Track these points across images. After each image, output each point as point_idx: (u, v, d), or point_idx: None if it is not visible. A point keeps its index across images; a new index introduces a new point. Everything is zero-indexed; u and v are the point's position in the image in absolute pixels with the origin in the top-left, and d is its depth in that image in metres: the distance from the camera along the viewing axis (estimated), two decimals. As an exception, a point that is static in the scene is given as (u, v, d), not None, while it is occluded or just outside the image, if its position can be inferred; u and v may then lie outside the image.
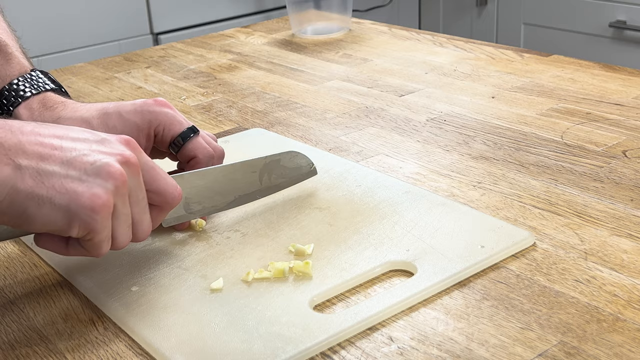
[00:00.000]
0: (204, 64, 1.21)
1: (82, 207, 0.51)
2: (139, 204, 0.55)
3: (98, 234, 0.52)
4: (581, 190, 0.70)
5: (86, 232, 0.52)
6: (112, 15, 1.98)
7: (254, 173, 0.68)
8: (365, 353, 0.51)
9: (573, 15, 2.23)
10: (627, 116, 0.86)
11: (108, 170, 0.52)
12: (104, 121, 0.67)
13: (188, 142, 0.68)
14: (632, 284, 0.56)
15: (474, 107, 0.93)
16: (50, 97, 0.70)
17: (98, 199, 0.51)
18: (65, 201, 0.50)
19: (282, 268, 0.58)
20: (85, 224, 0.51)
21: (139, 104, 0.68)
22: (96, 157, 0.52)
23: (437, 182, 0.74)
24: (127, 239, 0.55)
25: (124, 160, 0.53)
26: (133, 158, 0.54)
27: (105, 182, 0.52)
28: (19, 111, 0.68)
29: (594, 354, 0.49)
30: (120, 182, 0.52)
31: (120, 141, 0.55)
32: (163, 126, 0.67)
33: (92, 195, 0.51)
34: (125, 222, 0.54)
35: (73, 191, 0.51)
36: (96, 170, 0.52)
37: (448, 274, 0.57)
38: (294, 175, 0.72)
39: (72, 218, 0.51)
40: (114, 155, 0.53)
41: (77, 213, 0.51)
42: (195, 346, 0.51)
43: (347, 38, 1.30)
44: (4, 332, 0.56)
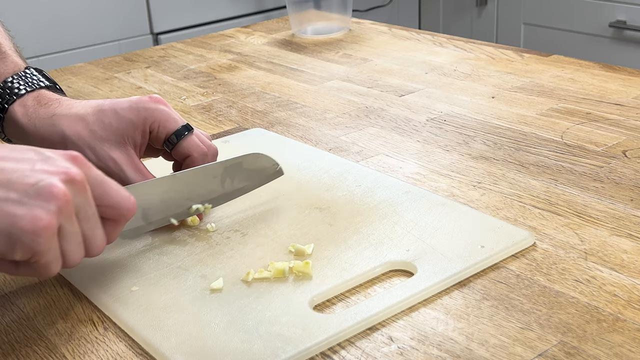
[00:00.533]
0: (204, 64, 1.21)
1: (23, 231, 0.49)
2: (89, 221, 0.54)
3: (43, 256, 0.51)
4: (581, 190, 0.70)
5: (30, 255, 0.50)
6: (112, 15, 1.99)
7: (215, 178, 0.67)
8: (365, 353, 0.51)
9: (573, 15, 2.23)
10: (627, 116, 0.86)
11: (50, 191, 0.50)
12: (100, 118, 0.66)
13: (182, 140, 0.68)
14: (632, 284, 0.56)
15: (474, 107, 0.93)
16: (45, 95, 0.69)
17: (39, 222, 0.49)
18: (5, 225, 0.49)
19: (282, 268, 0.58)
20: (28, 247, 0.50)
21: (134, 101, 0.67)
22: (38, 178, 0.51)
23: (437, 182, 0.74)
24: (79, 256, 0.54)
25: (68, 179, 0.52)
26: (78, 175, 0.52)
27: (46, 204, 0.50)
28: (14, 108, 0.68)
29: (594, 354, 0.49)
30: (63, 202, 0.51)
31: (65, 157, 0.54)
32: (158, 123, 0.67)
33: (33, 217, 0.49)
34: (74, 241, 0.53)
35: (13, 214, 0.49)
36: (37, 191, 0.50)
37: (448, 274, 0.57)
38: (257, 178, 0.70)
39: (14, 242, 0.49)
40: (57, 174, 0.51)
41: (18, 237, 0.49)
42: (195, 346, 0.51)
43: (347, 38, 1.30)
44: (4, 332, 0.56)
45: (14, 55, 0.73)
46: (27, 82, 0.70)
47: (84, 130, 0.66)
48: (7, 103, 0.69)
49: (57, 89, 0.72)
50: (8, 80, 0.70)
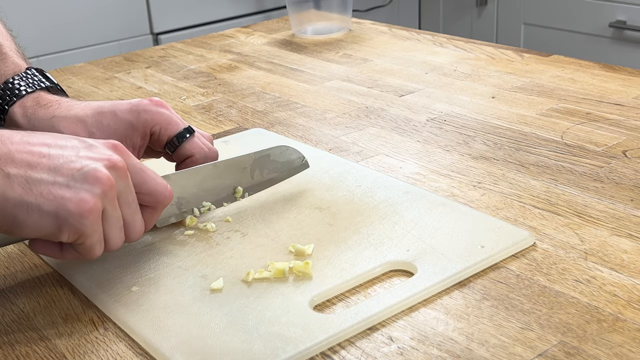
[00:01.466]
0: (204, 64, 1.21)
1: (70, 213, 0.52)
2: (130, 206, 0.56)
3: (89, 237, 0.53)
4: (581, 190, 0.70)
5: (77, 236, 0.53)
6: (112, 15, 1.98)
7: (245, 169, 0.69)
8: (365, 353, 0.51)
9: (573, 15, 2.23)
10: (627, 116, 0.86)
11: (95, 175, 0.53)
12: (99, 120, 0.67)
13: (184, 143, 0.68)
14: (632, 284, 0.56)
15: (474, 107, 0.93)
16: (44, 96, 0.70)
17: (85, 204, 0.52)
18: (54, 207, 0.51)
19: (282, 268, 0.58)
20: (75, 229, 0.52)
21: (134, 103, 0.68)
22: (83, 163, 0.53)
23: (437, 182, 0.74)
24: (120, 240, 0.56)
25: (111, 165, 0.54)
26: (120, 162, 0.55)
27: (92, 187, 0.52)
28: (14, 110, 0.69)
29: (594, 354, 0.49)
30: (107, 186, 0.53)
31: (107, 146, 0.56)
32: (159, 126, 0.68)
33: (80, 200, 0.52)
34: (116, 225, 0.55)
35: (60, 197, 0.52)
36: (83, 175, 0.53)
37: (448, 274, 0.57)
38: (285, 170, 0.72)
39: (62, 224, 0.52)
40: (100, 160, 0.54)
41: (65, 219, 0.52)
42: (195, 346, 0.51)
43: (347, 38, 1.30)
44: (4, 332, 0.56)
45: (14, 56, 0.73)
46: (27, 83, 0.70)
47: (82, 132, 0.67)
48: (7, 104, 0.69)
49: (58, 89, 0.73)
50: (9, 81, 0.70)
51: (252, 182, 0.70)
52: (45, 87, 0.71)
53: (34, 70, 0.72)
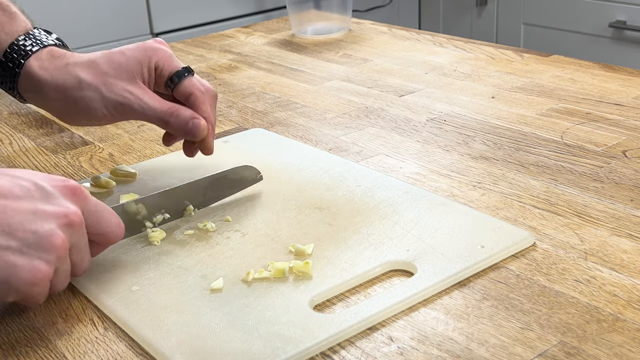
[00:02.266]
0: (204, 64, 1.21)
1: (22, 281, 0.51)
2: (80, 252, 0.56)
3: (35, 298, 0.53)
4: (581, 190, 0.70)
5: (23, 298, 0.52)
6: (112, 15, 1.99)
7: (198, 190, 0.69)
8: (365, 353, 0.51)
9: (573, 15, 2.23)
10: (627, 116, 0.86)
11: (49, 241, 0.51)
12: (109, 59, 0.72)
13: (184, 80, 0.72)
14: (632, 284, 0.56)
15: (474, 107, 0.93)
16: (56, 50, 0.74)
17: (38, 273, 0.51)
18: (5, 274, 0.50)
19: (282, 268, 0.58)
20: (24, 294, 0.52)
21: (139, 43, 0.75)
22: (38, 225, 0.51)
23: (437, 182, 0.74)
24: (66, 284, 0.56)
25: (67, 223, 0.53)
26: (77, 216, 0.53)
27: (46, 255, 0.51)
28: (30, 62, 0.72)
29: (594, 354, 0.49)
30: (62, 251, 0.52)
31: (65, 194, 0.54)
32: (162, 61, 0.72)
33: (32, 268, 0.51)
34: (64, 275, 0.55)
35: (13, 265, 0.50)
36: (37, 240, 0.51)
37: (448, 274, 0.57)
38: (237, 185, 0.72)
39: (10, 289, 0.51)
40: (57, 218, 0.52)
41: (16, 286, 0.51)
42: (195, 346, 0.51)
43: (347, 38, 1.30)
44: (4, 332, 0.56)
45: (22, 16, 0.77)
46: (38, 40, 0.74)
47: (96, 71, 0.71)
48: (24, 58, 0.72)
49: (65, 46, 0.76)
50: (20, 38, 0.74)
51: (204, 199, 0.70)
52: (54, 44, 0.75)
53: (41, 30, 0.76)
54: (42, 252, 0.51)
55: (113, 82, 0.70)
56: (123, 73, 0.71)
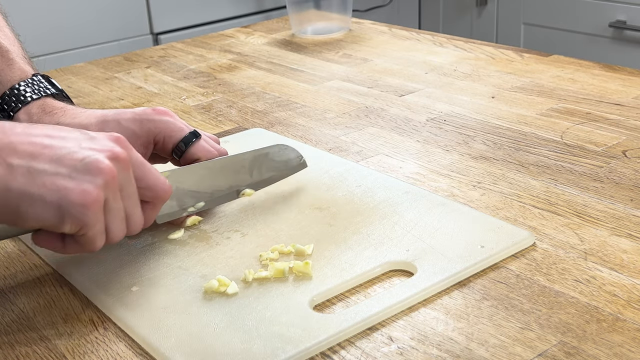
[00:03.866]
0: (204, 64, 1.21)
1: (73, 204, 0.52)
2: (131, 198, 0.56)
3: (91, 228, 0.53)
4: (581, 190, 0.70)
5: (79, 227, 0.53)
6: (112, 15, 1.98)
7: (243, 167, 0.69)
8: (365, 353, 0.51)
9: (573, 15, 2.23)
10: (627, 116, 0.86)
11: (97, 166, 0.53)
12: (102, 128, 0.67)
13: (190, 147, 0.68)
14: (632, 284, 0.56)
15: (474, 107, 0.93)
16: (50, 103, 0.70)
17: (88, 195, 0.52)
18: (56, 198, 0.52)
19: (282, 268, 0.58)
20: (77, 219, 0.52)
21: (138, 112, 0.68)
22: (85, 154, 0.53)
23: (437, 182, 0.74)
24: (121, 232, 0.56)
25: (113, 156, 0.54)
26: (122, 154, 0.55)
27: (94, 178, 0.53)
28: (19, 116, 0.69)
29: (594, 354, 0.49)
30: (109, 177, 0.53)
31: (109, 138, 0.56)
32: (163, 135, 0.68)
33: (82, 191, 0.52)
34: (117, 216, 0.55)
35: (63, 188, 0.52)
36: (85, 166, 0.53)
37: (448, 274, 0.57)
38: (284, 168, 0.72)
39: (64, 214, 0.52)
40: (103, 152, 0.54)
41: (68, 209, 0.52)
42: (195, 346, 0.51)
43: (347, 38, 1.30)
44: (4, 332, 0.56)
45: (21, 62, 0.74)
46: (33, 90, 0.71)
47: None
48: (13, 110, 0.70)
49: (64, 96, 0.73)
50: (15, 87, 0.71)
51: (251, 180, 0.70)
52: (50, 94, 0.71)
53: (40, 76, 0.73)
54: (90, 176, 0.53)
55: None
56: None
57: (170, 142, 0.68)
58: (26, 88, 0.71)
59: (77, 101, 1.06)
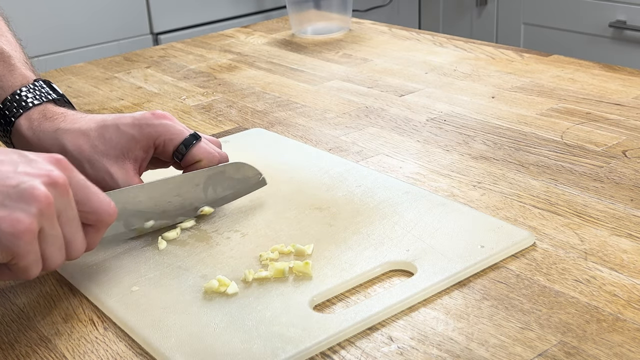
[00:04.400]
0: (204, 64, 1.21)
1: (3, 233, 0.49)
2: (70, 223, 0.54)
3: (23, 258, 0.51)
4: (581, 190, 0.70)
5: (10, 257, 0.51)
6: (112, 15, 1.98)
7: (197, 186, 0.67)
8: (365, 353, 0.51)
9: (573, 15, 2.23)
10: (627, 116, 0.86)
11: (31, 193, 0.50)
12: (101, 133, 0.67)
13: (191, 149, 0.67)
14: (632, 284, 0.56)
15: (474, 107, 0.93)
16: (51, 108, 0.70)
17: (19, 224, 0.50)
18: None
19: (282, 268, 0.58)
20: (8, 249, 0.50)
21: (137, 117, 0.68)
22: (20, 180, 0.51)
23: (437, 182, 0.74)
24: (60, 259, 0.54)
25: (50, 181, 0.52)
26: (61, 178, 0.53)
27: (28, 206, 0.50)
28: (20, 122, 0.68)
29: (594, 354, 0.49)
30: (44, 205, 0.51)
31: (48, 160, 0.54)
32: (163, 138, 0.67)
33: (13, 220, 0.50)
34: (55, 244, 0.53)
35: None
36: (19, 193, 0.50)
37: (448, 274, 0.57)
38: (241, 187, 0.70)
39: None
40: (39, 177, 0.52)
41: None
42: (195, 346, 0.51)
43: (347, 38, 1.30)
44: (4, 332, 0.56)
45: (23, 68, 0.73)
46: (34, 95, 0.70)
47: (85, 144, 0.66)
48: (14, 116, 0.69)
49: (65, 101, 0.72)
50: (16, 92, 0.70)
51: (205, 199, 0.68)
52: (52, 100, 0.71)
53: (41, 82, 0.72)
54: (23, 204, 0.50)
55: (98, 159, 0.66)
56: (112, 150, 0.66)
57: (170, 145, 0.67)
58: (27, 94, 0.70)
59: (77, 101, 1.06)
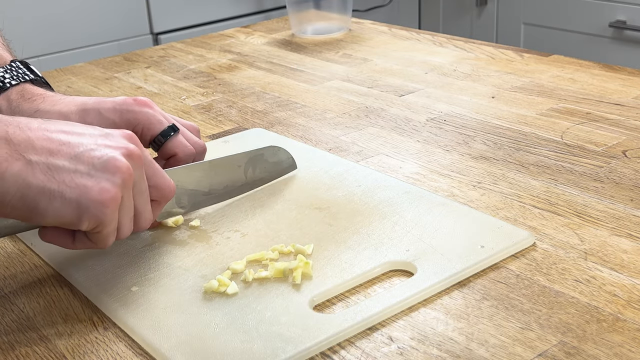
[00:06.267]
0: (204, 64, 1.21)
1: (92, 201, 0.52)
2: (142, 195, 0.57)
3: (107, 226, 0.54)
4: (581, 190, 0.70)
5: (95, 225, 0.53)
6: (112, 15, 1.98)
7: (239, 167, 0.70)
8: (365, 353, 0.51)
9: (573, 15, 2.23)
10: (627, 116, 0.86)
11: (115, 165, 0.53)
12: (82, 117, 0.67)
13: (167, 141, 0.69)
14: (632, 284, 0.56)
15: (474, 107, 0.93)
16: (29, 89, 0.70)
17: (107, 193, 0.52)
18: (76, 195, 0.52)
19: (282, 268, 0.58)
20: (95, 217, 0.53)
21: (118, 102, 0.68)
22: (103, 152, 0.54)
23: (437, 182, 0.74)
24: (130, 229, 0.57)
25: (128, 154, 0.55)
26: (137, 151, 0.56)
27: (112, 176, 0.53)
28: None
29: (594, 354, 0.49)
30: (127, 176, 0.54)
31: (123, 135, 0.57)
32: (142, 126, 0.68)
33: (101, 189, 0.52)
34: (129, 214, 0.56)
35: (83, 185, 0.52)
36: (104, 164, 0.53)
37: (448, 274, 0.57)
38: (275, 170, 0.74)
39: (83, 212, 0.52)
40: (119, 149, 0.55)
41: (87, 207, 0.52)
42: (195, 346, 0.51)
43: (347, 38, 1.30)
44: (4, 332, 0.56)
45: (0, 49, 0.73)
46: (12, 76, 0.70)
47: None
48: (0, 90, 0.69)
49: (43, 82, 0.72)
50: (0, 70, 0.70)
51: (245, 180, 0.71)
52: (29, 80, 0.71)
53: (18, 62, 0.72)
54: (109, 174, 0.53)
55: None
56: None
57: (148, 134, 0.68)
58: (5, 74, 0.70)
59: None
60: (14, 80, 0.70)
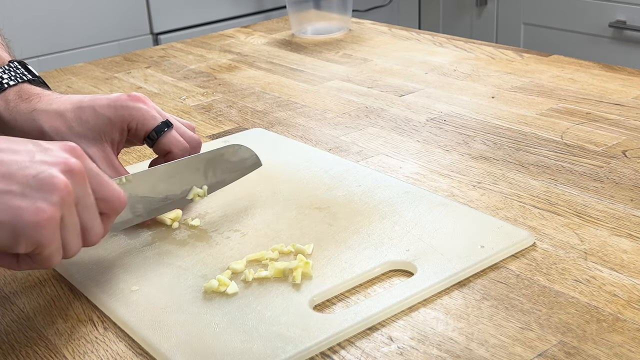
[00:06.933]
0: (204, 64, 1.21)
1: (27, 223, 0.49)
2: (89, 211, 0.54)
3: (46, 247, 0.51)
4: (581, 190, 0.70)
5: (34, 247, 0.50)
6: (112, 15, 1.98)
7: (198, 170, 0.68)
8: (365, 353, 0.51)
9: (573, 15, 2.23)
10: (627, 116, 0.86)
11: (51, 182, 0.50)
12: (78, 115, 0.67)
13: (162, 137, 0.68)
14: (632, 284, 0.56)
15: (474, 107, 0.93)
16: (27, 89, 0.70)
17: (43, 213, 0.49)
18: (9, 218, 0.49)
19: (282, 268, 0.58)
20: (32, 239, 0.50)
21: (113, 99, 0.68)
22: (39, 169, 0.51)
23: (437, 182, 0.74)
24: (78, 246, 0.54)
25: (67, 169, 0.52)
26: (77, 165, 0.52)
27: (49, 195, 0.50)
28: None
29: (594, 354, 0.49)
30: (65, 193, 0.51)
31: (63, 148, 0.54)
32: (136, 122, 0.68)
33: (37, 209, 0.49)
34: (74, 231, 0.53)
35: (17, 207, 0.49)
36: (39, 182, 0.50)
37: (448, 274, 0.57)
38: (238, 168, 0.71)
39: (18, 235, 0.49)
40: (56, 165, 0.51)
41: (22, 229, 0.49)
42: (195, 346, 0.51)
43: (347, 38, 1.30)
44: (4, 332, 0.56)
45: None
46: (10, 76, 0.70)
47: (62, 126, 0.67)
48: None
49: (41, 82, 0.72)
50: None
51: (205, 182, 0.69)
52: (27, 80, 0.71)
53: (16, 63, 0.72)
54: (44, 193, 0.50)
55: (76, 140, 0.66)
56: (89, 132, 0.67)
57: (142, 130, 0.68)
58: (2, 74, 0.70)
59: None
60: (12, 81, 0.70)
